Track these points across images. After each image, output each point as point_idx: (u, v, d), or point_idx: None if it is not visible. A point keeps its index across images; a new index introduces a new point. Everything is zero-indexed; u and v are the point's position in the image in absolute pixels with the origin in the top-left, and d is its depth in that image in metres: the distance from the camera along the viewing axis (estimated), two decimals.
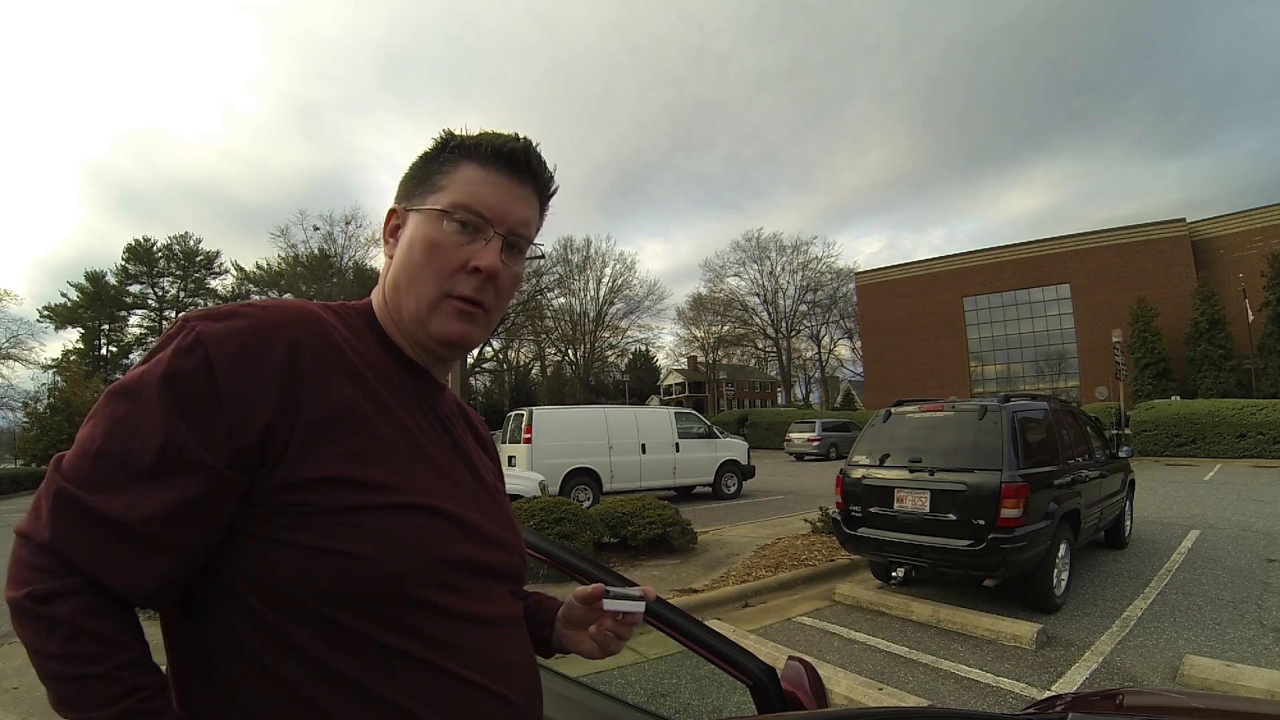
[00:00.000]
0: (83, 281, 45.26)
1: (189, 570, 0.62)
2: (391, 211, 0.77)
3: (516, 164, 0.74)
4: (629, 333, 51.64)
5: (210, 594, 0.63)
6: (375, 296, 0.79)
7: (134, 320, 47.93)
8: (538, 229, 0.80)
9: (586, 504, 9.75)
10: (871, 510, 5.31)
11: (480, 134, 0.75)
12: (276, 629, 0.61)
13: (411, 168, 0.77)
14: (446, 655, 0.65)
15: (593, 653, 0.86)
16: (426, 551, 0.65)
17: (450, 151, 0.74)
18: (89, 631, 0.57)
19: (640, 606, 0.81)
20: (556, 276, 46.77)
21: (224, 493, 0.61)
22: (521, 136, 0.76)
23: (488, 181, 0.73)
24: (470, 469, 0.77)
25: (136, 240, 47.07)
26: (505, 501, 0.84)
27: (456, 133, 0.75)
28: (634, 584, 0.85)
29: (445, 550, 0.67)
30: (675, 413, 13.09)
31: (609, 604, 0.81)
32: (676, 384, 62.62)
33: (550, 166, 0.78)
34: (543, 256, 0.82)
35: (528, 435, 11.00)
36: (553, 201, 0.82)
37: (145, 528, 0.59)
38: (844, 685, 3.54)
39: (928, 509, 4.92)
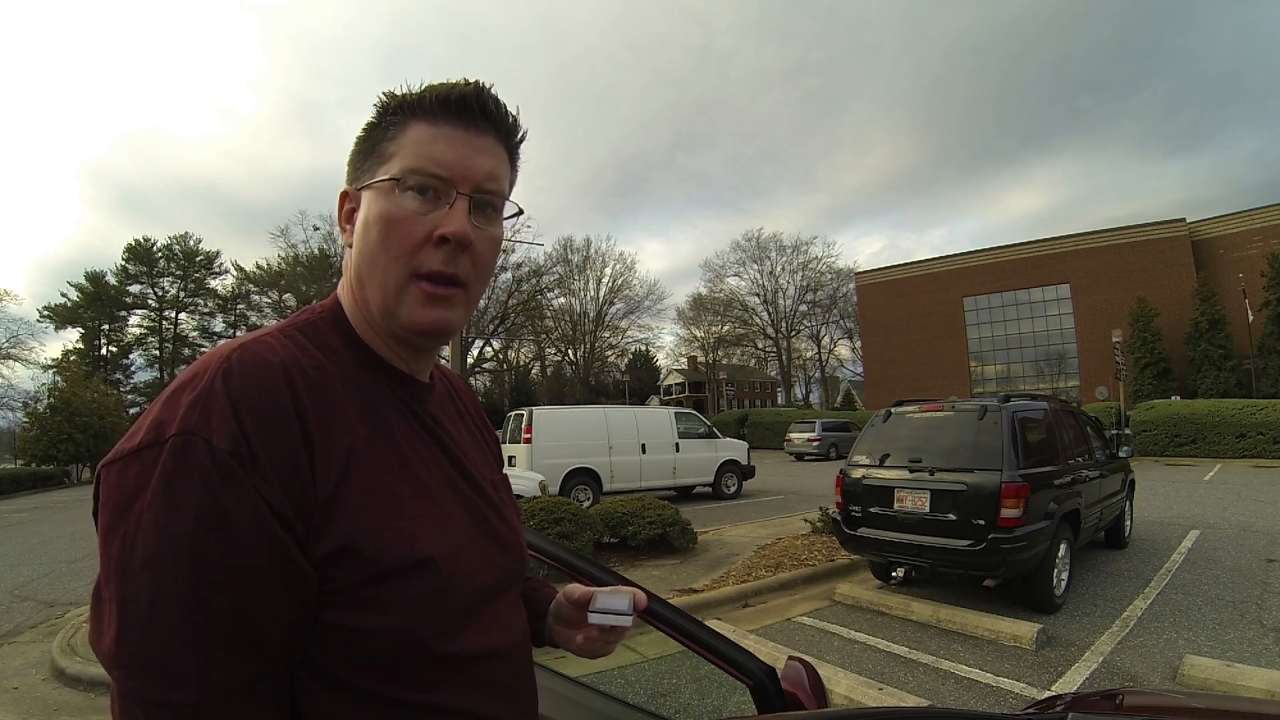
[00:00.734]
0: (83, 281, 45.30)
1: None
2: (343, 195, 0.69)
3: (470, 111, 0.65)
4: (629, 333, 51.87)
5: None
6: (342, 291, 0.70)
7: (134, 320, 48.01)
8: (511, 184, 0.70)
9: (586, 504, 9.75)
10: (871, 510, 5.31)
11: (425, 87, 0.65)
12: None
13: (357, 142, 0.68)
14: (461, 696, 0.63)
15: (581, 653, 0.84)
16: (438, 607, 0.61)
17: (394, 114, 0.65)
18: None
19: (627, 622, 0.76)
20: (556, 276, 46.91)
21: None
22: (472, 80, 0.66)
23: (440, 137, 0.63)
24: (465, 477, 0.72)
25: (136, 240, 47.12)
26: (505, 493, 0.80)
27: (397, 93, 0.65)
28: (628, 586, 0.82)
29: (455, 597, 0.63)
30: (675, 413, 13.10)
31: (595, 618, 0.77)
32: (676, 384, 62.61)
33: (512, 109, 0.68)
34: (521, 212, 0.72)
35: (528, 435, 11.00)
36: (523, 150, 0.71)
37: (282, 667, 0.55)
38: (844, 685, 3.55)
39: (928, 509, 4.92)
